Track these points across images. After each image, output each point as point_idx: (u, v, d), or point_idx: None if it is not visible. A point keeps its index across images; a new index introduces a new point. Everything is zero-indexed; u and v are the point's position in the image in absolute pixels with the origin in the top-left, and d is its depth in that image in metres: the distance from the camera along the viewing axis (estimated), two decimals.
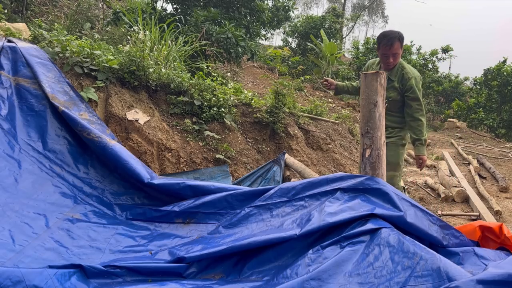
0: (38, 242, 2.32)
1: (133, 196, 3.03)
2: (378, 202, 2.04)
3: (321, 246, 1.86)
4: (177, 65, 5.24)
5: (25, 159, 2.90)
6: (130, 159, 3.06)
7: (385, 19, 54.38)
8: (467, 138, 12.14)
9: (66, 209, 2.72)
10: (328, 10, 22.42)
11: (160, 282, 1.99)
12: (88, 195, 2.93)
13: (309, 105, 6.88)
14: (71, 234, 2.50)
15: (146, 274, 2.08)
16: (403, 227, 1.88)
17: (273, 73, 13.02)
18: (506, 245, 1.92)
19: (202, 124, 4.66)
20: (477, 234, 1.99)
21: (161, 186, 2.91)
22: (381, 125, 2.33)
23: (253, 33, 9.12)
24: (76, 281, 1.89)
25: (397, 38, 3.23)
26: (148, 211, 2.81)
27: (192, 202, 2.69)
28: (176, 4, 8.50)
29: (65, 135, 3.21)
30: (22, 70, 3.34)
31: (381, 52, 3.33)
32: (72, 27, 6.95)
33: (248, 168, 4.56)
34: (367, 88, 2.32)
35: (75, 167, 3.08)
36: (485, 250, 1.88)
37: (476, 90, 17.20)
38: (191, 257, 2.09)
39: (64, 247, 2.36)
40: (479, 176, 6.90)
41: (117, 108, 4.07)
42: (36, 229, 2.43)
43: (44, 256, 2.20)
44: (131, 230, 2.67)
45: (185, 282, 2.00)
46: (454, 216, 4.85)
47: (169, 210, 2.73)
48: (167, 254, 2.30)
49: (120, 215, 2.83)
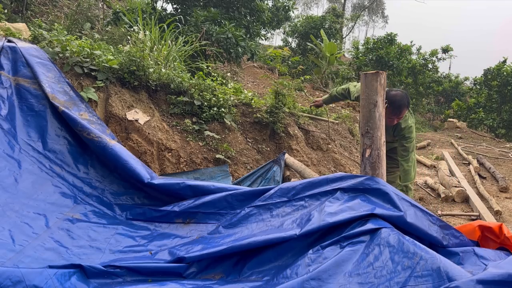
0: (38, 242, 2.32)
1: (133, 196, 3.03)
2: (378, 202, 2.04)
3: (321, 246, 1.87)
4: (177, 65, 5.24)
5: (25, 159, 2.90)
6: (130, 159, 3.06)
7: (385, 19, 54.38)
8: (467, 138, 12.13)
9: (66, 209, 2.72)
10: (328, 10, 22.43)
11: (160, 282, 1.99)
12: (88, 195, 2.93)
13: (309, 105, 6.87)
14: (71, 234, 2.50)
15: (146, 274, 2.09)
16: (403, 227, 1.88)
17: (273, 73, 13.02)
18: (506, 245, 1.91)
19: (202, 124, 4.66)
20: (477, 234, 1.99)
21: (161, 186, 2.91)
22: (381, 125, 2.33)
23: (253, 33, 9.12)
24: (76, 281, 1.89)
25: (405, 106, 3.27)
26: (148, 211, 2.81)
27: (192, 202, 2.69)
28: (176, 4, 8.50)
29: (65, 135, 3.21)
30: (22, 70, 3.34)
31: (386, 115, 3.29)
32: (72, 27, 6.95)
33: (248, 168, 4.56)
34: (367, 88, 2.32)
35: (75, 167, 3.08)
36: (485, 250, 1.88)
37: (476, 90, 17.20)
38: (191, 257, 2.10)
39: (64, 247, 2.36)
40: (479, 176, 6.90)
41: (117, 108, 4.07)
42: (36, 229, 2.43)
43: (44, 256, 2.20)
44: (131, 230, 2.67)
45: (185, 282, 2.00)
46: (454, 216, 4.85)
47: (169, 210, 2.73)
48: (167, 254, 2.30)
49: (120, 215, 2.83)
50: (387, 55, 14.58)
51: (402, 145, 3.47)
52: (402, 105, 3.25)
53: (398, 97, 3.24)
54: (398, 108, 3.24)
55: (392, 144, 3.60)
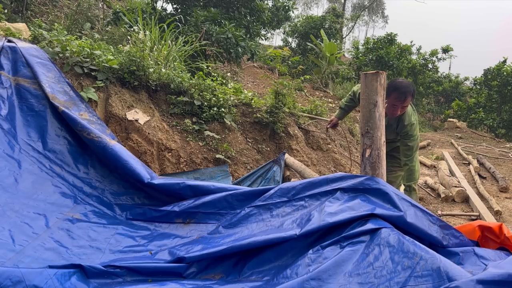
0: (38, 242, 2.32)
1: (133, 196, 3.03)
2: (378, 202, 2.04)
3: (321, 246, 1.86)
4: (177, 65, 5.24)
5: (25, 159, 2.90)
6: (130, 159, 3.06)
7: (385, 19, 54.35)
8: (467, 138, 12.13)
9: (66, 209, 2.72)
10: (328, 10, 22.41)
11: (160, 282, 1.99)
12: (88, 195, 2.93)
13: (309, 105, 6.87)
14: (71, 234, 2.51)
15: (146, 274, 2.09)
16: (403, 227, 1.88)
17: (273, 73, 13.02)
18: (506, 245, 1.91)
19: (202, 124, 4.66)
20: (477, 234, 1.99)
21: (161, 186, 2.91)
22: (381, 125, 2.33)
23: (253, 33, 9.11)
24: (76, 281, 1.89)
25: (410, 94, 3.16)
26: (148, 211, 2.81)
27: (192, 202, 2.69)
28: (176, 4, 8.50)
29: (65, 135, 3.21)
30: (22, 70, 3.34)
31: (390, 102, 3.21)
32: (72, 27, 6.95)
33: (248, 168, 4.56)
34: (367, 88, 2.32)
35: (75, 167, 3.08)
36: (485, 250, 1.88)
37: (476, 90, 17.19)
38: (191, 257, 2.10)
39: (64, 247, 2.36)
40: (479, 176, 6.90)
41: (117, 108, 4.07)
42: (36, 229, 2.43)
43: (44, 256, 2.20)
44: (131, 230, 2.67)
45: (185, 282, 2.00)
46: (454, 216, 4.85)
47: (169, 210, 2.73)
48: (167, 254, 2.30)
49: (120, 215, 2.83)
50: (387, 55, 14.58)
51: (406, 144, 3.39)
52: (407, 92, 3.14)
53: (405, 83, 3.17)
54: (403, 94, 3.12)
55: (395, 143, 3.57)
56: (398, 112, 3.23)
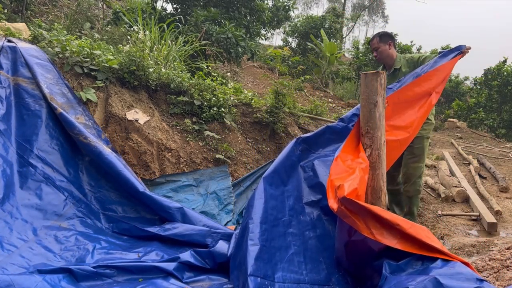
0: (27, 247, 2.32)
1: (123, 207, 3.05)
2: None
3: None
4: (177, 65, 5.23)
5: (18, 160, 2.89)
6: (124, 168, 3.09)
7: (385, 19, 54.31)
8: (467, 138, 12.12)
9: (54, 216, 2.74)
10: (328, 10, 22.35)
11: (150, 281, 2.02)
12: (77, 201, 2.94)
13: (309, 105, 6.86)
14: (59, 239, 2.53)
15: (137, 273, 2.11)
16: None
17: (273, 73, 13.01)
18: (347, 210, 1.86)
19: (202, 124, 4.65)
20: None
21: (152, 200, 2.96)
22: (381, 125, 2.33)
23: (253, 33, 9.10)
24: (66, 285, 1.90)
25: (377, 36, 3.69)
26: (134, 229, 2.85)
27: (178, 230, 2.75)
28: (176, 4, 8.49)
29: (59, 136, 3.20)
30: (21, 70, 3.33)
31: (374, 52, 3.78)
32: (72, 27, 6.94)
33: (248, 168, 4.56)
34: (367, 88, 2.31)
35: (66, 170, 3.07)
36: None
37: (476, 90, 17.16)
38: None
39: (52, 252, 2.37)
40: (479, 176, 6.88)
41: (117, 108, 4.07)
42: (25, 234, 2.43)
43: (33, 261, 2.21)
44: (117, 241, 2.73)
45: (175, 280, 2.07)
46: (454, 216, 4.84)
47: (154, 232, 2.76)
48: (155, 255, 2.39)
49: (107, 228, 2.86)
50: None
51: (419, 143, 3.57)
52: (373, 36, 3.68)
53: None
54: (371, 39, 3.69)
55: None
56: (375, 54, 3.67)
